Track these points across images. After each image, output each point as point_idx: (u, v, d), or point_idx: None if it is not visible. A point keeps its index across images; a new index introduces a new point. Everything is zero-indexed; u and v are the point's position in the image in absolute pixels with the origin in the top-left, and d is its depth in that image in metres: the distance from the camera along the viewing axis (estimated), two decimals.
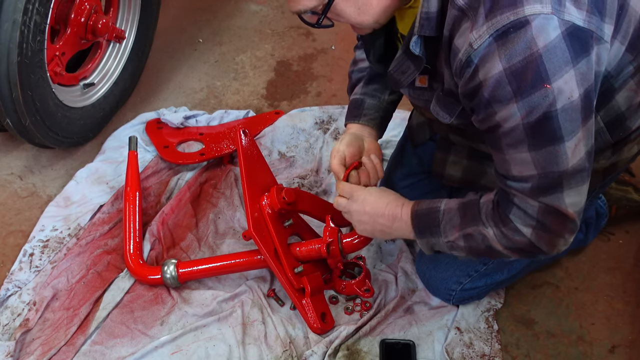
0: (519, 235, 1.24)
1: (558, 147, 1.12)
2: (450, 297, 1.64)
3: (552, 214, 1.20)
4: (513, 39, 1.05)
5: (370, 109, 1.60)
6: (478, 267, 1.59)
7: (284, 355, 1.58)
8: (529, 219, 1.21)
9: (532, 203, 1.20)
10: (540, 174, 1.15)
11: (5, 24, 1.66)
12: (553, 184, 1.16)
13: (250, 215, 1.57)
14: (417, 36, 1.18)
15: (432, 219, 1.35)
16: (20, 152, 2.12)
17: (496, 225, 1.26)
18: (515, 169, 1.18)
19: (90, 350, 1.59)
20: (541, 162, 1.14)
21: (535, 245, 1.24)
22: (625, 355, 1.61)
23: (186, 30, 2.64)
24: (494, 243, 1.27)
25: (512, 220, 1.23)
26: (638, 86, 1.28)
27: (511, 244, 1.26)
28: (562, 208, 1.19)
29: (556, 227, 1.21)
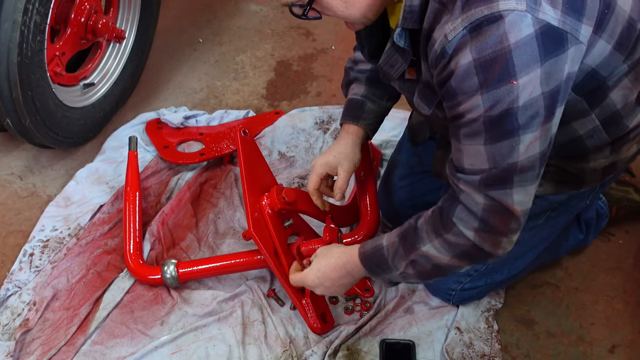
0: (462, 239, 1.23)
1: (513, 142, 1.13)
2: (450, 297, 1.64)
3: (497, 212, 1.19)
4: (485, 32, 1.06)
5: (370, 113, 1.62)
6: (478, 267, 1.59)
7: (284, 355, 1.58)
8: (472, 219, 1.21)
9: (478, 200, 1.19)
10: (492, 168, 1.16)
11: (5, 24, 1.66)
12: (502, 177, 1.16)
13: (250, 215, 1.57)
14: (400, 28, 1.19)
15: (378, 257, 1.36)
16: (20, 152, 2.12)
17: (437, 235, 1.26)
18: (468, 160, 1.18)
19: (90, 350, 1.59)
20: (494, 156, 1.15)
21: (479, 247, 1.23)
22: (625, 355, 1.61)
23: (186, 30, 2.64)
24: (437, 259, 1.27)
25: (455, 224, 1.22)
26: (633, 84, 1.28)
27: (454, 250, 1.25)
28: (509, 204, 1.18)
29: (500, 226, 1.21)
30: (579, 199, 1.51)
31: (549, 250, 1.67)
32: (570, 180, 1.43)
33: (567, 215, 1.57)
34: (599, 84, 1.24)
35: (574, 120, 1.29)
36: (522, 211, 1.21)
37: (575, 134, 1.32)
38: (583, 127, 1.31)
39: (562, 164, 1.41)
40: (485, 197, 1.19)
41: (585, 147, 1.35)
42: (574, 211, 1.57)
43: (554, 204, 1.49)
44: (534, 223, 1.52)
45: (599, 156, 1.38)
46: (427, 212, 1.30)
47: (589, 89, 1.24)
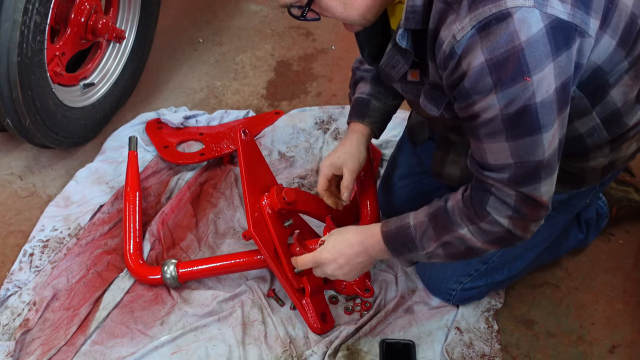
0: (497, 227, 1.25)
1: (536, 139, 1.14)
2: (450, 297, 1.64)
3: (529, 202, 1.22)
4: (495, 31, 1.06)
5: (375, 111, 1.61)
6: (478, 267, 1.59)
7: (284, 355, 1.58)
8: (506, 208, 1.23)
9: (510, 192, 1.21)
10: (517, 163, 1.17)
11: (5, 24, 1.66)
12: (531, 174, 1.18)
13: (250, 215, 1.57)
14: (403, 29, 1.19)
15: (405, 236, 1.36)
16: (20, 152, 2.12)
17: (472, 222, 1.27)
18: (492, 157, 1.19)
19: (90, 350, 1.59)
20: (518, 152, 1.16)
21: (512, 233, 1.26)
22: (625, 355, 1.61)
23: (186, 30, 2.64)
24: (472, 242, 1.28)
25: (490, 212, 1.24)
26: (634, 82, 1.28)
27: (489, 237, 1.27)
28: (538, 197, 1.21)
29: (531, 214, 1.23)
30: (579, 198, 1.51)
31: (549, 250, 1.67)
32: (571, 180, 1.44)
33: (567, 215, 1.57)
34: (600, 81, 1.24)
35: (576, 120, 1.30)
36: (548, 199, 1.24)
37: (576, 132, 1.32)
38: (584, 125, 1.31)
39: (562, 164, 1.41)
40: (516, 192, 1.21)
41: (585, 145, 1.35)
42: (573, 210, 1.57)
43: (554, 203, 1.49)
44: None
45: (598, 155, 1.38)
46: (457, 197, 1.30)
47: (592, 86, 1.24)
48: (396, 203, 1.77)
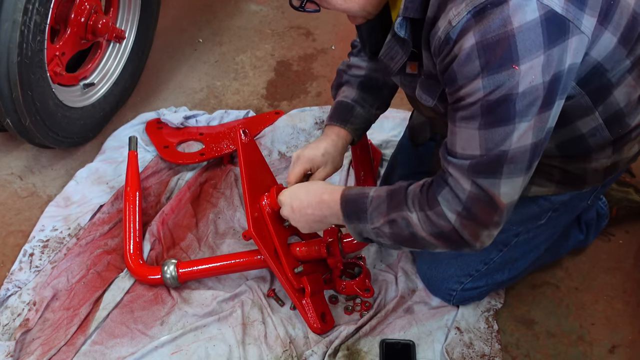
0: (444, 220, 1.23)
1: (507, 129, 1.12)
2: (451, 297, 1.64)
3: (481, 201, 1.19)
4: (489, 15, 1.06)
5: (358, 117, 1.60)
6: (479, 267, 1.59)
7: (284, 355, 1.58)
8: (456, 202, 1.21)
9: (465, 186, 1.19)
10: (482, 155, 1.15)
11: (5, 24, 1.66)
12: (492, 165, 1.16)
13: (250, 215, 1.57)
14: (401, 18, 1.18)
15: (360, 205, 1.35)
16: (20, 152, 2.12)
17: (421, 209, 1.25)
18: (460, 144, 1.17)
19: (90, 350, 1.59)
20: (486, 143, 1.14)
21: (459, 233, 1.23)
22: (625, 355, 1.61)
23: (186, 30, 2.64)
24: (417, 229, 1.27)
25: (440, 203, 1.22)
26: (637, 82, 1.28)
27: (434, 229, 1.25)
28: (495, 195, 1.18)
29: (482, 216, 1.20)
30: (581, 199, 1.51)
31: (550, 251, 1.67)
32: (573, 181, 1.43)
33: (568, 216, 1.57)
34: (602, 79, 1.23)
35: (578, 119, 1.29)
36: (507, 204, 1.20)
37: (579, 132, 1.32)
38: (586, 125, 1.31)
39: (564, 165, 1.41)
40: (472, 184, 1.18)
41: (588, 146, 1.35)
42: (575, 211, 1.57)
43: (556, 204, 1.49)
44: (536, 223, 1.52)
45: (601, 156, 1.38)
46: (420, 182, 1.30)
47: (593, 84, 1.23)
48: None
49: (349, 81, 1.62)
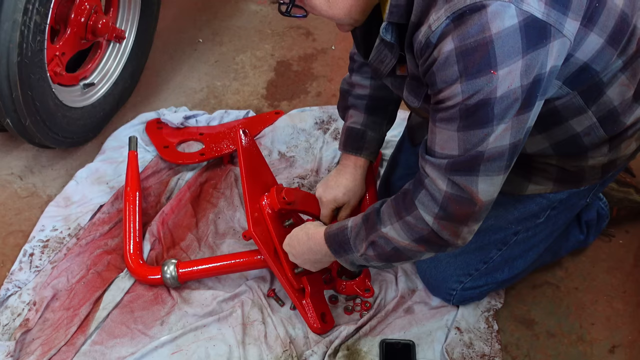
0: (422, 223, 1.25)
1: (485, 131, 1.13)
2: (451, 297, 1.64)
3: (458, 200, 1.20)
4: (468, 21, 1.06)
5: (372, 141, 1.63)
6: (479, 266, 1.59)
7: (284, 355, 1.58)
8: (433, 205, 1.22)
9: (441, 186, 1.20)
10: (461, 154, 1.16)
11: (5, 24, 1.66)
12: (468, 164, 1.17)
13: (250, 215, 1.57)
14: (387, 22, 1.19)
15: (341, 237, 1.40)
16: (20, 152, 2.12)
17: (399, 217, 1.27)
18: (439, 143, 1.19)
19: (90, 350, 1.59)
20: (465, 143, 1.15)
21: (438, 234, 1.25)
22: (625, 355, 1.61)
23: (186, 30, 2.64)
24: (396, 241, 1.29)
25: (417, 207, 1.24)
26: (630, 81, 1.28)
27: (414, 234, 1.27)
28: (474, 192, 1.19)
29: (459, 215, 1.22)
30: (579, 197, 1.51)
31: (550, 251, 1.67)
32: (570, 179, 1.44)
33: (567, 214, 1.57)
34: (593, 79, 1.24)
35: (571, 118, 1.29)
36: (485, 201, 1.21)
37: (573, 132, 1.32)
38: (580, 124, 1.31)
39: (561, 163, 1.41)
40: (448, 183, 1.19)
41: (583, 144, 1.35)
42: (574, 210, 1.57)
43: (554, 202, 1.49)
44: (535, 222, 1.53)
45: (597, 154, 1.38)
46: (392, 197, 1.33)
47: (584, 85, 1.24)
48: None
49: (355, 105, 1.63)
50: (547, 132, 1.33)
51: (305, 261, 1.53)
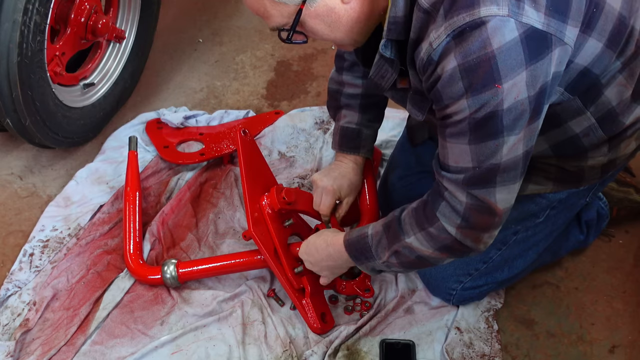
0: (445, 234, 1.26)
1: (496, 142, 1.14)
2: (451, 297, 1.64)
3: (479, 210, 1.22)
4: (468, 38, 1.07)
5: (367, 139, 1.65)
6: (478, 266, 1.59)
7: (284, 355, 1.58)
8: (455, 216, 1.23)
9: (461, 198, 1.21)
10: (475, 167, 1.18)
11: (5, 24, 1.66)
12: (485, 177, 1.18)
13: (250, 215, 1.57)
14: (385, 39, 1.20)
15: (362, 245, 1.40)
16: (20, 152, 2.12)
17: (421, 228, 1.28)
18: (453, 158, 1.20)
19: (90, 350, 1.59)
20: (478, 156, 1.16)
21: (461, 242, 1.26)
22: (625, 355, 1.61)
23: (186, 30, 2.64)
24: (420, 251, 1.31)
25: (439, 218, 1.25)
26: (628, 81, 1.28)
27: (437, 244, 1.28)
28: (492, 203, 1.21)
29: (481, 223, 1.24)
30: (579, 196, 1.51)
31: (549, 250, 1.67)
32: (570, 179, 1.44)
33: (567, 214, 1.57)
34: (592, 82, 1.24)
35: (570, 120, 1.30)
36: (504, 209, 1.23)
37: (572, 133, 1.32)
38: (579, 125, 1.31)
39: (560, 163, 1.41)
40: (468, 196, 1.21)
41: (582, 145, 1.35)
42: (573, 209, 1.58)
43: (554, 202, 1.49)
44: (534, 222, 1.53)
45: (596, 154, 1.38)
46: (412, 205, 1.33)
47: (583, 87, 1.24)
48: (394, 203, 1.76)
49: (349, 105, 1.63)
50: (546, 133, 1.33)
51: (324, 268, 1.53)
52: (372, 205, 1.74)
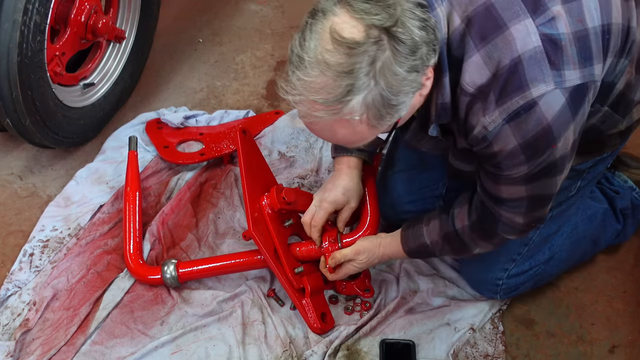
0: (506, 240, 1.43)
1: (551, 181, 1.27)
2: (498, 288, 1.63)
3: (535, 221, 1.37)
4: (525, 120, 1.14)
5: None
6: (520, 249, 1.61)
7: (284, 355, 1.58)
8: (515, 230, 1.38)
9: (518, 220, 1.35)
10: (529, 197, 1.29)
11: (5, 24, 1.66)
12: (541, 204, 1.33)
13: (250, 215, 1.57)
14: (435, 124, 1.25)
15: (427, 251, 1.54)
16: (20, 152, 2.12)
17: (484, 240, 1.44)
18: (506, 193, 1.30)
19: (90, 350, 1.59)
20: (533, 191, 1.28)
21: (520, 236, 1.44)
22: (625, 355, 1.61)
23: (186, 30, 2.64)
24: (483, 251, 1.48)
25: (500, 233, 1.40)
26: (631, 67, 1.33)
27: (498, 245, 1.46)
28: (543, 215, 1.37)
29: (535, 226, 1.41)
30: (604, 163, 1.57)
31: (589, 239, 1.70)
32: (592, 149, 1.50)
33: (592, 183, 1.62)
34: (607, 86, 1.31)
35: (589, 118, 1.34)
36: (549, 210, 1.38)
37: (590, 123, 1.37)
38: (595, 117, 1.37)
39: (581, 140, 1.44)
40: (524, 218, 1.34)
41: (599, 128, 1.42)
42: (596, 178, 1.63)
43: (582, 172, 1.55)
44: (567, 195, 1.58)
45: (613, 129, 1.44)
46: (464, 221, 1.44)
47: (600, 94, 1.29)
48: (394, 197, 1.76)
49: None
50: None
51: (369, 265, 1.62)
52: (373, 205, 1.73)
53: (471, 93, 1.16)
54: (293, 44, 1.13)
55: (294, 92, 1.11)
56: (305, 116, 1.13)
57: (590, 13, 1.18)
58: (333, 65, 1.06)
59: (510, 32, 1.12)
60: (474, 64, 1.14)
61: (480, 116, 1.16)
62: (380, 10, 1.05)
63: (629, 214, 1.76)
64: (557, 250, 1.64)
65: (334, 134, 1.15)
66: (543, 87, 1.12)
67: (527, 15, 1.13)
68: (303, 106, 1.12)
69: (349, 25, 1.06)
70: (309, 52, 1.09)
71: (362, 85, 1.06)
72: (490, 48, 1.13)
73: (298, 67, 1.10)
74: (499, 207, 1.33)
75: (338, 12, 1.08)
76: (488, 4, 1.14)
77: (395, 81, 1.07)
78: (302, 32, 1.13)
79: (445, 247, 1.49)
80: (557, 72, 1.13)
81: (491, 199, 1.34)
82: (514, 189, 1.27)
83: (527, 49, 1.12)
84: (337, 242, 1.60)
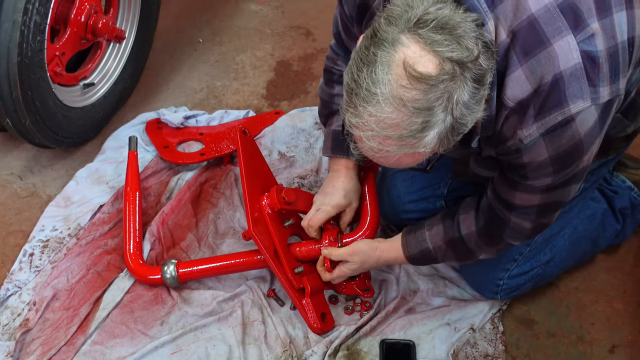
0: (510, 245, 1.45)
1: (568, 189, 1.29)
2: (498, 289, 1.64)
3: (541, 227, 1.39)
4: (560, 134, 1.15)
5: None
6: (522, 249, 1.61)
7: (284, 355, 1.58)
8: (521, 236, 1.40)
9: (527, 226, 1.36)
10: (542, 204, 1.30)
11: (5, 24, 1.66)
12: (552, 211, 1.35)
13: (250, 215, 1.57)
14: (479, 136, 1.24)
15: (429, 257, 1.54)
16: (20, 152, 2.12)
17: (489, 246, 1.45)
18: (520, 200, 1.31)
19: (90, 350, 1.59)
20: (547, 199, 1.29)
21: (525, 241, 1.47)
22: (625, 355, 1.61)
23: (186, 30, 2.64)
24: (486, 257, 1.50)
25: (506, 239, 1.42)
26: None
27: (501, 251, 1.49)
28: (552, 221, 1.39)
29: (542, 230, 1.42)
30: (607, 165, 1.59)
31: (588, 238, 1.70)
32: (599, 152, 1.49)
33: (594, 185, 1.64)
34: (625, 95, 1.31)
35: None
36: None
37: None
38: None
39: None
40: (532, 223, 1.36)
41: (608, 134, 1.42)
42: (599, 180, 1.65)
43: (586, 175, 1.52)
44: None
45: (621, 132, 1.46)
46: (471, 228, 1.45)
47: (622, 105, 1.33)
48: (395, 197, 1.76)
49: None
50: None
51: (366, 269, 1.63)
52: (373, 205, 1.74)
53: (511, 107, 1.16)
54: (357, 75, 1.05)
55: (365, 127, 1.07)
56: (372, 149, 1.10)
57: (620, 28, 1.19)
58: (409, 102, 1.02)
59: (553, 47, 1.12)
60: (516, 79, 1.14)
61: (516, 129, 1.17)
62: (453, 41, 1.03)
63: (627, 213, 1.76)
64: (558, 251, 1.64)
65: (399, 163, 1.14)
66: (581, 104, 1.13)
67: (569, 31, 1.13)
68: (374, 141, 1.08)
69: (422, 59, 1.02)
70: (382, 86, 1.02)
71: (438, 121, 1.05)
72: (534, 63, 1.12)
73: (369, 102, 1.04)
74: (510, 212, 1.34)
75: (406, 43, 1.02)
76: (532, 18, 1.13)
77: (467, 112, 1.08)
78: (366, 63, 1.04)
79: (448, 252, 1.50)
80: (594, 89, 1.14)
81: (502, 204, 1.34)
82: (529, 197, 1.29)
83: (569, 65, 1.12)
84: (337, 241, 1.60)
